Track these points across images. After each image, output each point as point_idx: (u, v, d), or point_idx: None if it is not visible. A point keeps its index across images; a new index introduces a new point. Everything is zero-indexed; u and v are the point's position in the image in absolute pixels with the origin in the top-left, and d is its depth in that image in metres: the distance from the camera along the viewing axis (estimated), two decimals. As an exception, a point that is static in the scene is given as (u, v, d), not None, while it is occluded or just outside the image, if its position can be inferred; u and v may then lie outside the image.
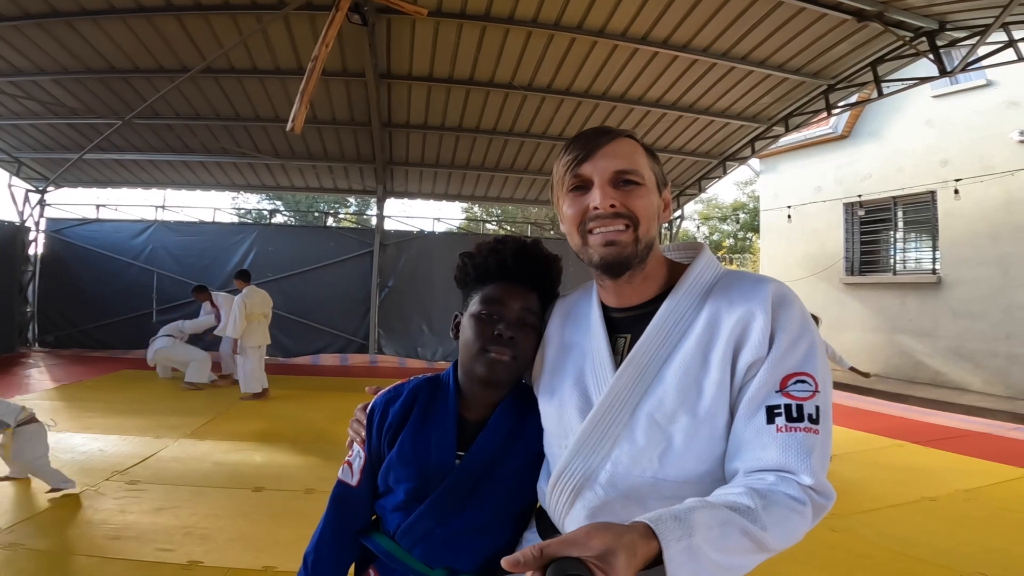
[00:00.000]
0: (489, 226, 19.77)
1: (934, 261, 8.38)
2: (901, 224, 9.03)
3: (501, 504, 0.99)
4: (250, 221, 17.46)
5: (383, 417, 1.04)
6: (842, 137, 9.59)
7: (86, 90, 7.15)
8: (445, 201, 11.01)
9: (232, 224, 11.17)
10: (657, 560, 0.61)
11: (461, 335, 1.03)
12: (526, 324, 1.00)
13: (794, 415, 0.76)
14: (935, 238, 8.32)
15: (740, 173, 24.08)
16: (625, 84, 7.11)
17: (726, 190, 40.84)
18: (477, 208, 20.07)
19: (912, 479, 4.10)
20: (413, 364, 9.36)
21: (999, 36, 5.50)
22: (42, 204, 9.41)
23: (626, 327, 0.92)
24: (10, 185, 9.06)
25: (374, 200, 10.25)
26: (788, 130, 8.16)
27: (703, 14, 5.68)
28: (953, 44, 5.82)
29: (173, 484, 3.43)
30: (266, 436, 4.68)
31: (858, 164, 9.37)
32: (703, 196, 14.68)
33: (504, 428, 1.01)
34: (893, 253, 9.03)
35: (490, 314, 0.99)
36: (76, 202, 12.59)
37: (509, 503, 1.00)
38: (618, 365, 0.87)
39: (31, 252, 9.27)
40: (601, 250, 0.86)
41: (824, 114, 7.53)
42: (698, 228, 24.17)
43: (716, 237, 23.92)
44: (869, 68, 6.55)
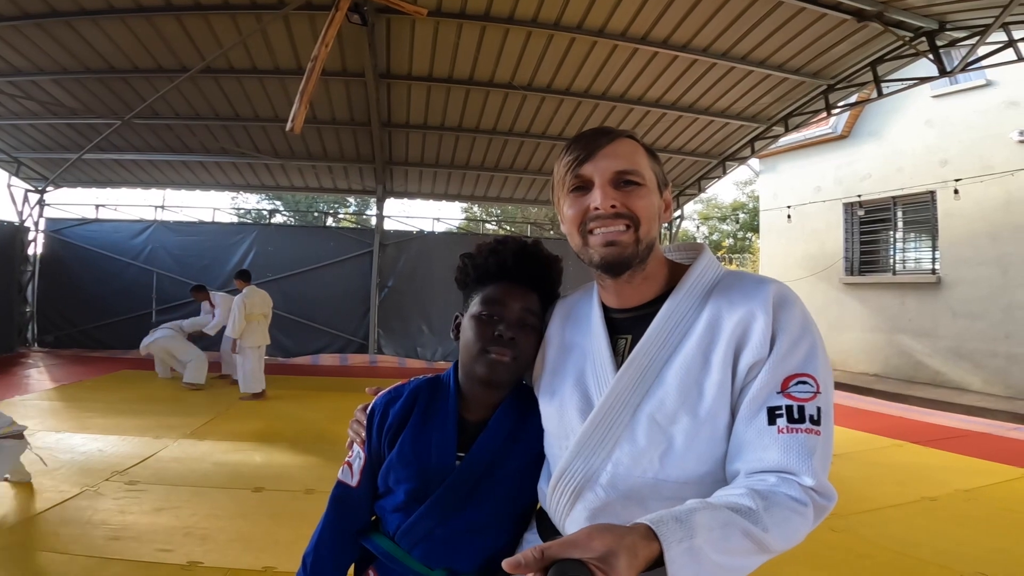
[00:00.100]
0: (489, 226, 19.76)
1: (934, 261, 8.38)
2: (901, 224, 9.03)
3: (501, 505, 0.99)
4: (249, 221, 17.44)
5: (383, 418, 1.04)
6: (842, 137, 9.60)
7: (85, 90, 7.14)
8: (445, 201, 11.01)
9: (232, 224, 11.16)
10: (658, 561, 0.60)
11: (461, 336, 1.03)
12: (526, 325, 1.00)
13: (795, 416, 0.75)
14: (935, 238, 8.32)
15: (740, 173, 24.11)
16: (625, 84, 7.11)
17: (726, 190, 40.89)
18: (477, 208, 20.08)
19: (912, 479, 4.10)
20: (413, 364, 9.36)
21: (999, 36, 5.51)
22: (41, 204, 9.40)
23: (627, 328, 0.91)
24: (9, 185, 9.06)
25: (374, 200, 10.25)
26: (788, 130, 8.17)
27: (703, 14, 5.68)
28: (953, 44, 5.82)
29: (173, 484, 3.43)
30: (266, 436, 4.67)
31: (858, 164, 9.37)
32: (703, 196, 14.70)
33: (504, 429, 1.01)
34: (893, 253, 9.04)
35: (490, 315, 0.99)
36: (75, 202, 12.59)
37: (509, 504, 1.00)
38: (619, 366, 0.87)
39: (30, 252, 9.26)
40: (602, 250, 0.86)
41: (824, 114, 7.53)
42: (698, 228, 24.19)
43: (716, 237, 23.93)
44: (869, 68, 6.55)
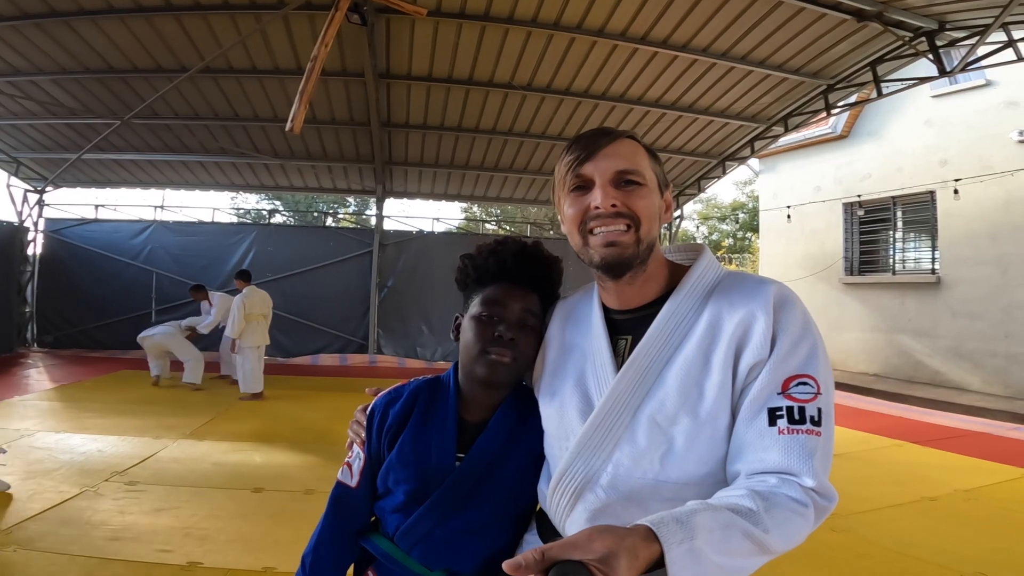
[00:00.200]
0: (488, 226, 19.77)
1: (933, 261, 8.39)
2: (900, 224, 9.03)
3: (501, 506, 0.99)
4: (249, 221, 17.44)
5: (383, 418, 1.04)
6: (841, 137, 9.60)
7: (84, 90, 7.14)
8: (444, 201, 11.02)
9: (231, 224, 11.16)
10: (659, 563, 0.60)
11: (461, 337, 1.03)
12: (526, 326, 1.00)
13: (796, 417, 0.75)
14: (934, 238, 8.32)
15: (739, 173, 24.11)
16: (624, 84, 7.11)
17: (725, 190, 40.89)
18: (476, 208, 20.08)
19: (912, 479, 4.10)
20: (412, 364, 9.37)
21: (998, 36, 5.51)
22: (41, 204, 9.40)
23: (627, 329, 0.91)
24: (9, 185, 9.06)
25: (373, 200, 10.25)
26: (787, 130, 8.17)
27: (703, 14, 5.68)
28: (952, 44, 5.83)
29: (172, 485, 3.43)
30: (265, 436, 4.67)
31: (857, 164, 9.38)
32: (702, 196, 14.71)
33: (504, 430, 1.00)
34: (892, 253, 9.04)
35: (490, 315, 0.99)
36: (75, 202, 12.56)
37: (509, 505, 1.00)
38: (619, 367, 0.87)
39: (30, 252, 9.26)
40: (602, 251, 0.86)
41: (823, 114, 7.54)
42: (697, 228, 24.20)
43: (715, 237, 23.94)
44: (868, 68, 6.56)
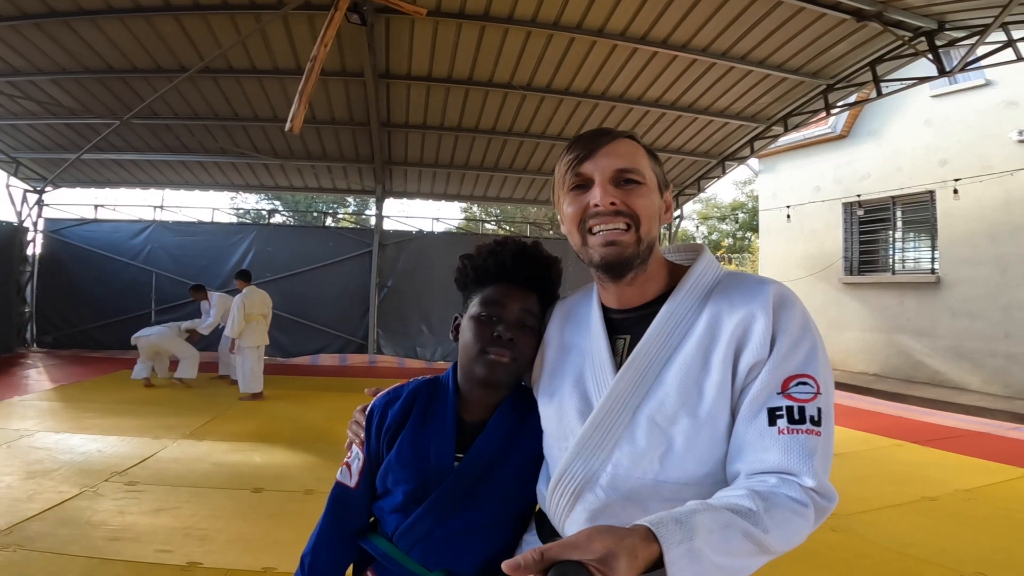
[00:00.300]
0: (488, 226, 19.77)
1: (933, 261, 8.39)
2: (900, 224, 9.04)
3: (500, 506, 0.99)
4: (249, 221, 17.45)
5: (382, 419, 1.04)
6: (841, 137, 9.60)
7: (84, 90, 7.14)
8: (444, 201, 11.02)
9: (231, 224, 11.17)
10: (658, 563, 0.60)
11: (461, 337, 1.03)
12: (525, 326, 1.00)
13: (796, 417, 0.75)
14: (934, 238, 8.32)
15: (739, 173, 24.14)
16: (624, 84, 7.11)
17: (725, 190, 40.93)
18: (476, 208, 20.08)
19: (912, 479, 4.10)
20: (412, 364, 9.36)
21: (998, 36, 5.51)
22: (40, 204, 9.39)
23: (626, 328, 0.91)
24: (8, 185, 9.06)
25: (373, 200, 10.25)
26: (787, 130, 8.17)
27: (702, 14, 5.68)
28: (952, 44, 5.83)
29: (172, 485, 3.42)
30: (265, 436, 4.67)
31: (857, 164, 9.38)
32: (702, 196, 14.70)
33: (503, 430, 1.00)
34: (892, 253, 9.04)
35: (489, 316, 0.98)
36: (74, 202, 12.55)
37: (508, 505, 1.00)
38: (618, 366, 0.87)
39: (29, 252, 9.26)
40: (602, 250, 0.86)
41: (823, 114, 7.54)
42: (697, 228, 24.21)
43: (715, 237, 23.95)
44: (868, 68, 6.56)
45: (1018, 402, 6.77)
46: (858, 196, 9.30)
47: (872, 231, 9.33)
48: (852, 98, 7.91)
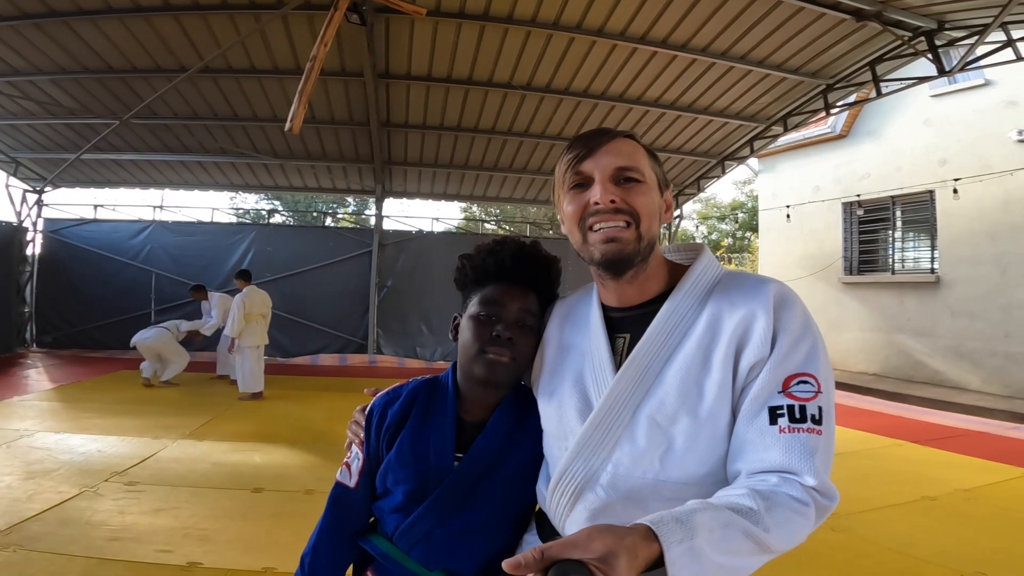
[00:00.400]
0: (488, 226, 19.77)
1: (932, 260, 8.39)
2: (900, 223, 9.04)
3: (500, 506, 0.99)
4: (248, 221, 17.45)
5: (382, 418, 1.04)
6: (840, 137, 9.60)
7: (83, 90, 7.13)
8: (444, 201, 11.01)
9: (230, 224, 11.17)
10: (659, 562, 0.60)
11: (460, 336, 1.03)
12: (525, 325, 1.00)
13: (797, 416, 0.75)
14: (933, 237, 8.33)
15: (739, 172, 24.14)
16: (624, 83, 7.11)
17: (725, 189, 40.93)
18: (476, 208, 20.08)
19: (912, 479, 4.10)
20: (412, 364, 9.36)
21: (998, 36, 5.51)
22: (40, 204, 9.39)
23: (625, 327, 0.91)
24: (8, 185, 9.06)
25: (373, 200, 10.25)
26: (787, 130, 8.17)
27: (702, 14, 5.68)
28: (951, 44, 5.83)
29: (172, 485, 3.42)
30: (265, 436, 4.67)
31: (856, 164, 9.38)
32: (702, 195, 14.69)
33: (503, 430, 1.00)
34: (892, 252, 9.04)
35: (488, 315, 0.98)
36: (74, 202, 12.55)
37: (508, 505, 0.99)
38: (618, 366, 0.87)
39: (29, 252, 9.26)
40: (602, 247, 0.86)
41: (823, 114, 7.54)
42: (697, 227, 24.22)
43: (715, 236, 23.96)
44: (867, 68, 6.56)
45: (1018, 402, 6.77)
46: (858, 196, 9.30)
47: (872, 231, 9.33)
48: (852, 98, 7.92)
